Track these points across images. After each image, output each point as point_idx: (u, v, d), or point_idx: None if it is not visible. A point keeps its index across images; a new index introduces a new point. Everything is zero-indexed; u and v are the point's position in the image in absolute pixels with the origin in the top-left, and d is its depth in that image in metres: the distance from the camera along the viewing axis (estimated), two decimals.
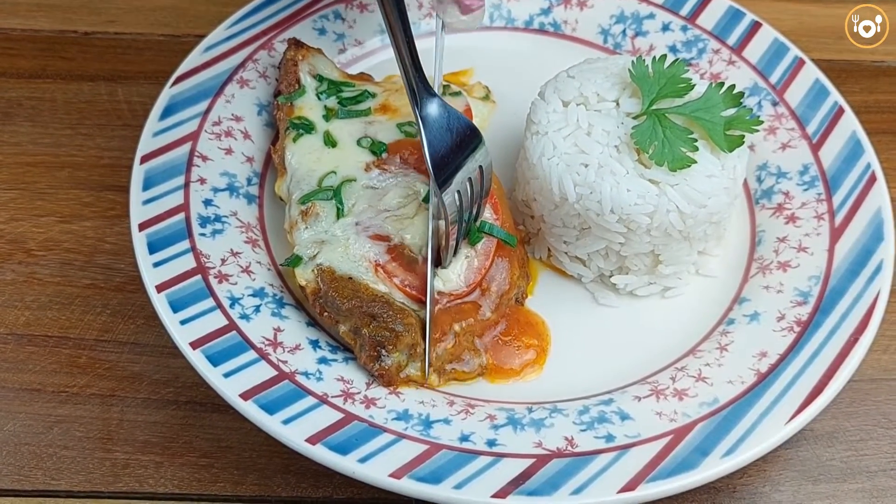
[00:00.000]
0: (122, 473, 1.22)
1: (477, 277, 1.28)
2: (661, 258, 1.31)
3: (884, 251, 1.29)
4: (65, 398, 1.29)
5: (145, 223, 1.29)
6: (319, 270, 1.26)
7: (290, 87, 1.46)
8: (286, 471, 1.22)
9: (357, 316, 1.22)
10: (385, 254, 1.27)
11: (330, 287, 1.24)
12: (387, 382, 1.20)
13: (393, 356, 1.20)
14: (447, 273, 1.28)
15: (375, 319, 1.21)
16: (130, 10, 1.80)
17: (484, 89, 1.59)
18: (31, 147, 1.58)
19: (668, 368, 1.26)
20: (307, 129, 1.41)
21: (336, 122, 1.42)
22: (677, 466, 1.10)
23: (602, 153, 1.26)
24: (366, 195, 1.33)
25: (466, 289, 1.28)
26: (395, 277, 1.25)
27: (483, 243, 1.30)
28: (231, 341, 1.19)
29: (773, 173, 1.44)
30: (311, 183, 1.35)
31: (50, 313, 1.37)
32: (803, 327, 1.24)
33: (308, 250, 1.29)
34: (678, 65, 1.32)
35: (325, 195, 1.33)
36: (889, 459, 1.26)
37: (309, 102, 1.45)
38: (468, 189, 1.27)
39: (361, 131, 1.41)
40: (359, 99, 1.45)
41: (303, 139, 1.40)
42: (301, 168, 1.37)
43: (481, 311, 1.28)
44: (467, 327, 1.26)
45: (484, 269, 1.29)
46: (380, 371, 1.20)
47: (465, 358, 1.25)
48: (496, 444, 1.13)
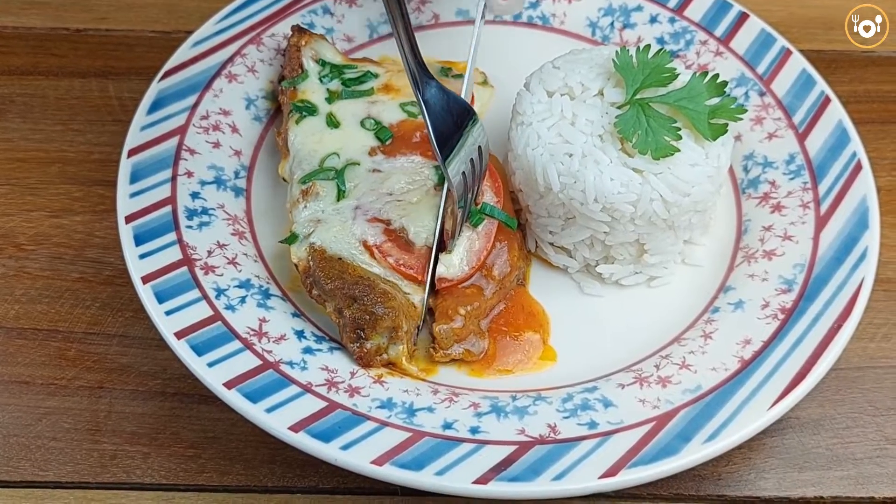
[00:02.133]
0: (110, 464, 1.23)
1: (479, 260, 1.30)
2: (646, 247, 1.31)
3: (868, 239, 1.29)
4: (53, 390, 1.30)
5: (132, 216, 1.30)
6: (312, 249, 1.27)
7: (293, 71, 1.49)
8: (272, 461, 1.23)
9: (339, 297, 1.23)
10: (381, 234, 1.28)
11: (318, 266, 1.25)
12: (365, 364, 1.21)
13: (372, 339, 1.21)
14: (450, 258, 1.29)
15: (356, 301, 1.22)
16: (121, 8, 1.81)
17: (481, 75, 1.60)
18: (23, 143, 1.59)
19: (653, 356, 1.26)
20: (310, 111, 1.43)
21: (339, 104, 1.45)
22: (659, 452, 1.10)
23: (586, 142, 1.26)
24: (369, 179, 1.34)
25: (469, 271, 1.29)
26: (389, 257, 1.26)
27: (484, 225, 1.32)
28: (216, 331, 1.20)
29: (760, 163, 1.44)
30: (312, 163, 1.37)
31: (39, 307, 1.38)
32: (787, 315, 1.24)
33: (304, 229, 1.30)
34: (662, 54, 1.32)
35: (326, 175, 1.34)
36: (874, 447, 1.26)
37: (312, 86, 1.47)
38: (471, 169, 1.28)
39: (364, 111, 1.43)
40: (362, 80, 1.48)
41: (305, 121, 1.42)
42: (303, 149, 1.39)
43: (484, 293, 1.29)
44: (473, 311, 1.27)
45: (485, 251, 1.30)
46: (358, 353, 1.21)
47: (472, 340, 1.26)
48: (479, 431, 1.14)
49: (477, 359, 1.27)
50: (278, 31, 1.57)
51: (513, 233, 1.34)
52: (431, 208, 1.31)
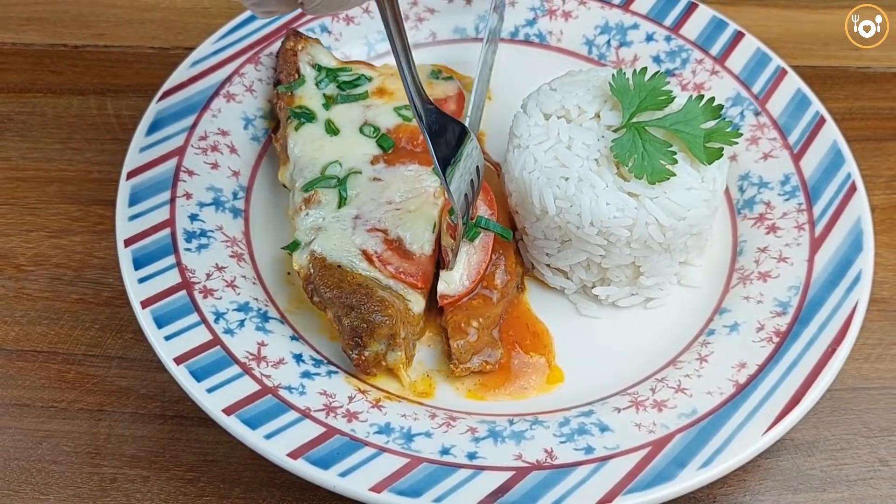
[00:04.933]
0: (110, 488, 1.24)
1: (478, 273, 1.31)
2: (642, 269, 1.32)
3: (862, 261, 1.30)
4: (54, 413, 1.30)
5: (131, 239, 1.31)
6: (312, 257, 1.29)
7: (289, 76, 1.50)
8: (271, 484, 1.24)
9: (338, 305, 1.24)
10: (381, 244, 1.30)
11: (318, 274, 1.27)
12: (364, 371, 1.23)
13: (371, 346, 1.22)
14: (451, 275, 1.31)
15: (354, 310, 1.23)
16: (119, 24, 1.82)
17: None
18: (21, 162, 1.59)
19: (649, 379, 1.27)
20: (308, 117, 1.44)
21: (336, 109, 1.46)
22: (654, 478, 1.11)
23: (582, 167, 1.27)
24: (370, 187, 1.36)
25: (470, 285, 1.31)
26: (389, 265, 1.28)
27: (480, 238, 1.34)
28: (215, 356, 1.21)
29: (755, 183, 1.45)
30: (313, 171, 1.38)
31: (39, 328, 1.39)
32: (782, 338, 1.25)
33: (306, 236, 1.32)
34: (658, 77, 1.33)
35: (328, 183, 1.36)
36: (868, 468, 1.27)
37: (309, 91, 1.48)
38: (470, 188, 1.29)
39: (361, 117, 1.45)
40: (356, 83, 1.50)
41: (304, 128, 1.43)
42: (304, 156, 1.40)
43: (492, 303, 1.31)
44: (485, 321, 1.29)
45: (484, 263, 1.32)
46: (357, 360, 1.22)
47: (487, 351, 1.28)
48: (476, 456, 1.15)
49: (494, 368, 1.28)
50: (275, 49, 1.58)
51: (509, 243, 1.36)
52: (429, 217, 1.33)
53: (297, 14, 1.60)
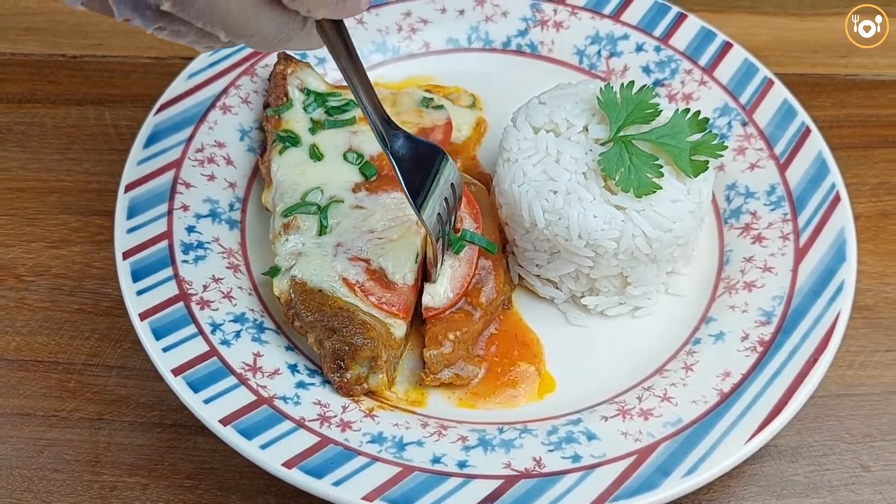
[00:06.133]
0: (110, 496, 1.27)
1: (462, 287, 1.33)
2: (629, 280, 1.35)
3: (845, 272, 1.32)
4: (55, 422, 1.33)
5: (129, 251, 1.34)
6: (293, 282, 1.31)
7: (278, 100, 1.51)
8: (267, 491, 1.27)
9: (319, 329, 1.26)
10: (363, 273, 1.31)
11: (299, 299, 1.29)
12: (346, 393, 1.25)
13: (352, 369, 1.25)
14: (435, 287, 1.33)
15: (336, 333, 1.26)
16: (117, 33, 1.84)
17: (470, 97, 1.63)
18: (21, 172, 1.62)
19: (636, 388, 1.30)
20: (293, 141, 1.46)
21: (322, 134, 1.47)
22: (639, 486, 1.14)
23: (570, 180, 1.30)
24: (352, 216, 1.37)
25: (454, 297, 1.32)
26: (371, 296, 1.30)
27: (465, 252, 1.35)
28: (211, 367, 1.24)
29: (742, 193, 1.47)
30: (294, 196, 1.39)
31: (40, 338, 1.42)
32: (766, 347, 1.28)
33: (286, 262, 1.34)
34: (646, 91, 1.35)
35: (308, 210, 1.37)
36: (850, 474, 1.30)
37: (296, 115, 1.50)
38: (445, 206, 1.29)
39: (346, 143, 1.46)
40: (344, 108, 1.51)
41: (288, 152, 1.45)
42: (286, 181, 1.42)
43: (473, 319, 1.33)
44: (462, 336, 1.31)
45: (469, 276, 1.34)
46: (339, 383, 1.25)
47: (461, 364, 1.30)
48: (467, 465, 1.18)
49: (465, 383, 1.31)
50: (271, 61, 1.60)
51: (499, 257, 1.38)
52: (411, 246, 1.33)
53: None
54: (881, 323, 1.45)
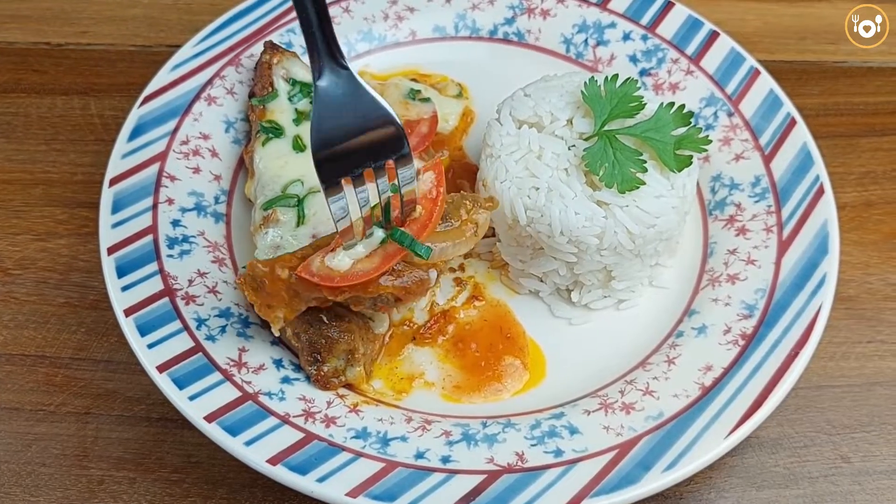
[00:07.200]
0: (98, 489, 1.28)
1: (357, 279, 1.18)
2: (613, 274, 1.36)
3: (827, 265, 1.33)
4: (42, 416, 1.34)
5: (114, 247, 1.34)
6: None
7: (263, 89, 1.51)
8: (253, 485, 1.28)
9: (296, 322, 1.27)
10: None
11: None
12: (323, 386, 1.26)
13: (329, 362, 1.26)
14: (342, 255, 1.19)
15: (312, 326, 1.26)
16: (102, 21, 1.83)
17: (457, 87, 1.63)
18: (6, 164, 1.62)
19: (619, 381, 1.31)
20: (276, 133, 1.45)
21: (306, 125, 1.46)
22: (620, 481, 1.15)
23: (552, 177, 1.30)
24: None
25: (340, 282, 1.18)
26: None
27: (385, 248, 1.20)
28: (197, 363, 1.25)
29: (727, 184, 1.47)
30: (275, 189, 1.39)
31: (27, 332, 1.42)
32: (747, 341, 1.29)
33: (265, 255, 1.34)
34: (630, 84, 1.35)
35: (287, 202, 1.37)
36: (830, 465, 1.31)
37: (281, 106, 1.49)
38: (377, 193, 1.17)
39: None
40: None
41: (271, 143, 1.44)
42: (267, 173, 1.41)
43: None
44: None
45: (374, 273, 1.19)
46: (315, 375, 1.26)
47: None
48: (450, 460, 1.19)
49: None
50: (257, 51, 1.59)
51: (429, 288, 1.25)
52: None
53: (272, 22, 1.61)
54: (864, 314, 1.46)
